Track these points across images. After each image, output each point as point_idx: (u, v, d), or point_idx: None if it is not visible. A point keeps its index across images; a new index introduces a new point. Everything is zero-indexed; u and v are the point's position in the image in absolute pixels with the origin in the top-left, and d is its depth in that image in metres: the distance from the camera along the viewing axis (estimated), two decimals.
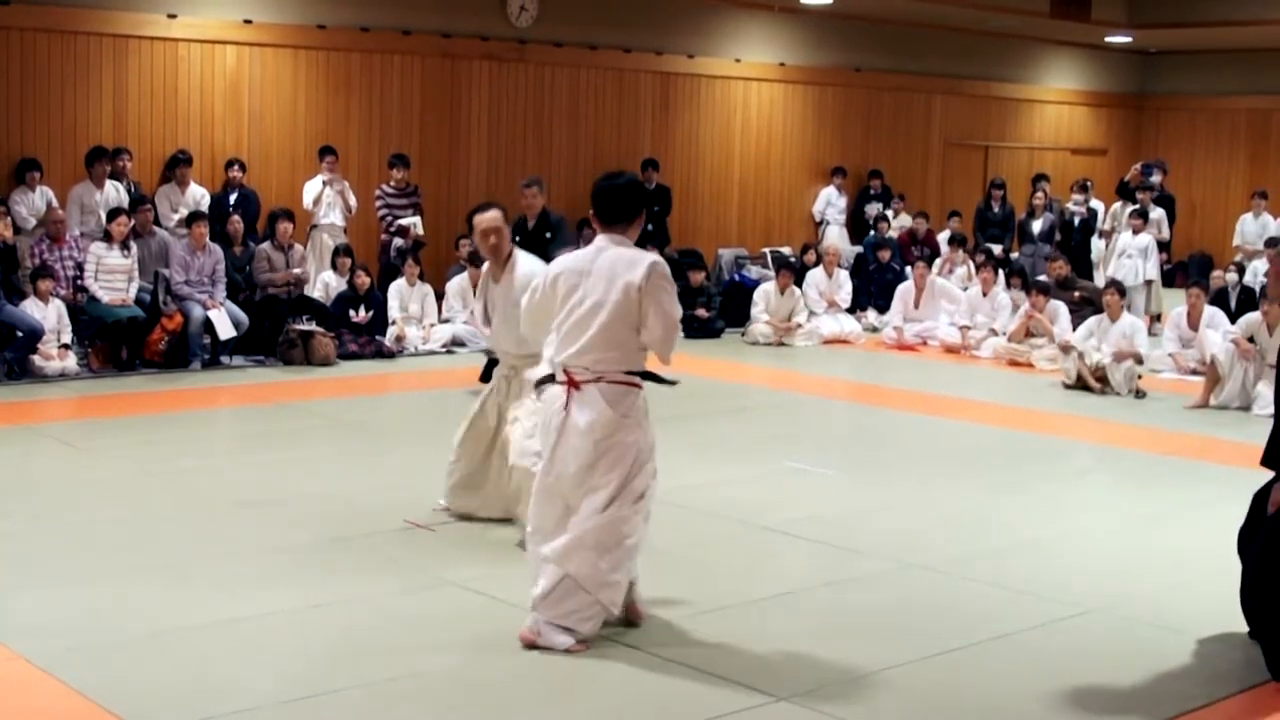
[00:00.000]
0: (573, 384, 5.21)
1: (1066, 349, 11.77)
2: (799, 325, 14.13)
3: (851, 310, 15.13)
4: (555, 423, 5.24)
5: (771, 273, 15.89)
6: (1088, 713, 4.81)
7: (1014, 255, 16.61)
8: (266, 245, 12.46)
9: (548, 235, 10.60)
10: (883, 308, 15.40)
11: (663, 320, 5.19)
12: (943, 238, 17.05)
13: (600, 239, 5.35)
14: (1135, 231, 15.49)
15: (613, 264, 5.21)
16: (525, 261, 6.69)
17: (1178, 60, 22.02)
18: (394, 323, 12.74)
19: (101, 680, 4.76)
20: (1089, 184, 17.24)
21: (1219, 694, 4.99)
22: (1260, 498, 5.41)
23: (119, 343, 11.35)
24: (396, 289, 12.94)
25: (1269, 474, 5.31)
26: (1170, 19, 18.93)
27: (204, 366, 11.55)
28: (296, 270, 12.38)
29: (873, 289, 16.09)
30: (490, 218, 6.62)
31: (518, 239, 8.62)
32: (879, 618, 5.72)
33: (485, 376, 9.82)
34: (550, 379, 5.32)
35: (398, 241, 13.41)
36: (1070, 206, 16.62)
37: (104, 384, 10.81)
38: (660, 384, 5.41)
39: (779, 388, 11.75)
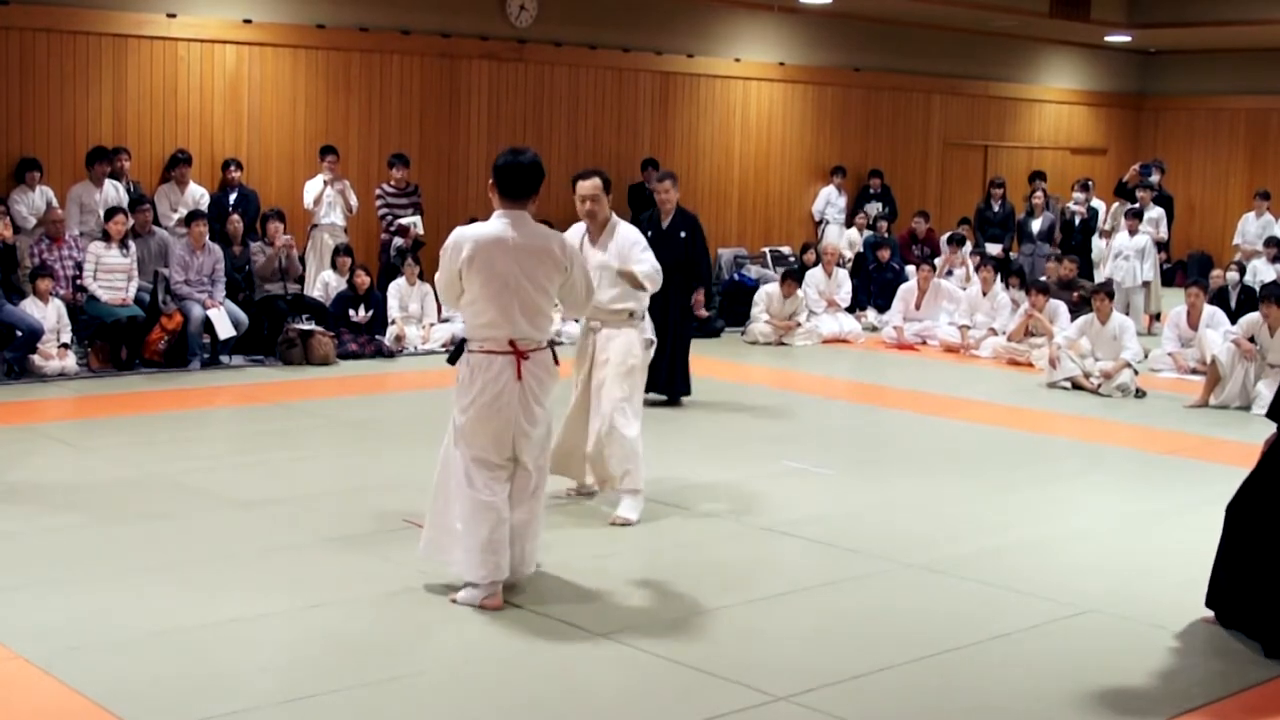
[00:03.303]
0: (521, 355, 5.62)
1: (1055, 363, 11.76)
2: (798, 324, 14.13)
3: (851, 310, 15.14)
4: (512, 393, 5.60)
5: (771, 272, 15.90)
6: (1087, 713, 4.81)
7: (1013, 255, 16.60)
8: (260, 244, 12.51)
9: (682, 235, 10.16)
10: (882, 307, 15.40)
11: (588, 281, 5.94)
12: (945, 237, 17.05)
13: (505, 214, 5.69)
14: (1131, 232, 15.49)
15: (531, 241, 5.66)
16: (627, 229, 7.09)
17: (1177, 60, 22.02)
18: (394, 322, 12.74)
19: (101, 680, 4.76)
20: (1090, 183, 17.23)
21: (1219, 694, 4.99)
22: (1269, 460, 5.43)
23: (118, 342, 11.34)
24: (396, 288, 12.95)
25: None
26: (1169, 19, 18.94)
27: (203, 366, 11.55)
28: (282, 239, 12.38)
29: (872, 288, 16.09)
30: (589, 185, 7.03)
31: (650, 234, 8.64)
32: (878, 618, 5.72)
33: None
34: (460, 351, 5.69)
35: (397, 241, 13.41)
36: (1071, 206, 16.62)
37: (103, 384, 10.80)
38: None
39: (779, 387, 11.74)
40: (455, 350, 5.72)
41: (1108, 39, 20.35)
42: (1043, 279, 14.09)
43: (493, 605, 5.60)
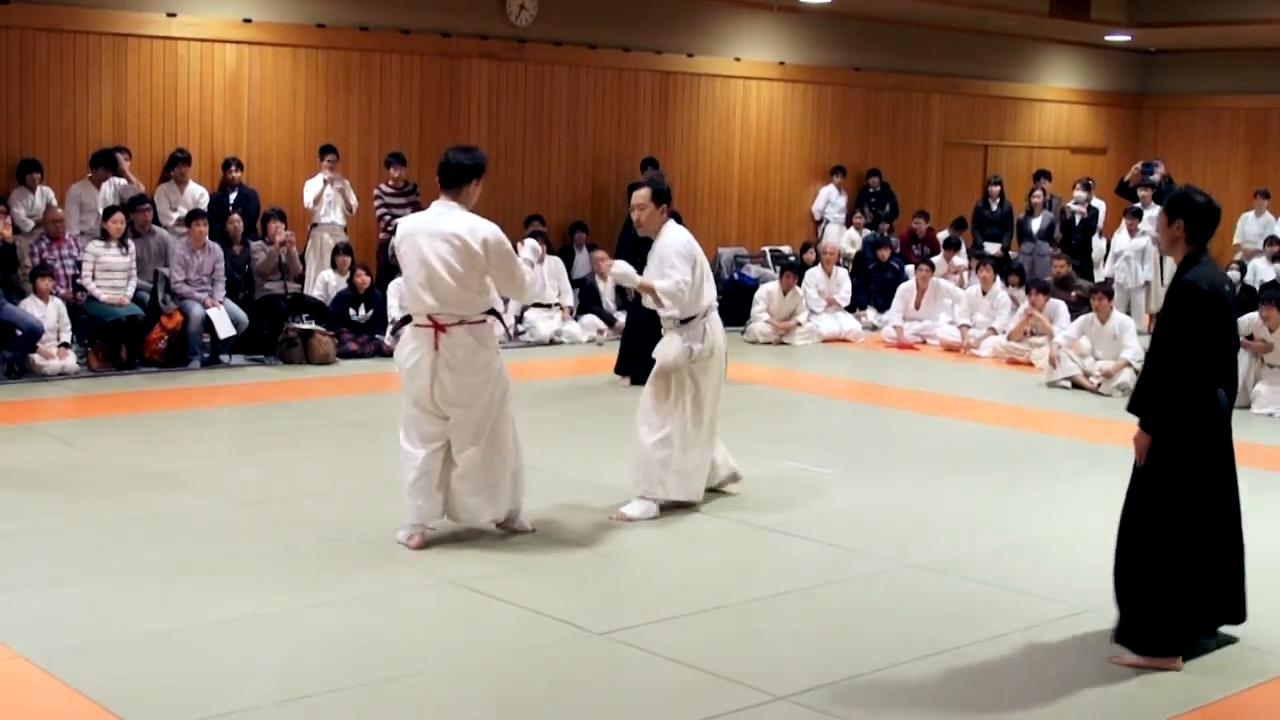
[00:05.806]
0: (440, 328, 6.27)
1: (1055, 362, 11.77)
2: (798, 324, 14.13)
3: (851, 309, 15.14)
4: (428, 362, 6.30)
5: (771, 271, 15.89)
6: (1087, 713, 4.81)
7: (1013, 254, 16.59)
8: (260, 243, 12.51)
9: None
10: (882, 306, 15.40)
11: (514, 270, 6.35)
12: (944, 236, 17.03)
13: (441, 202, 6.39)
14: (1131, 232, 15.47)
15: (451, 227, 6.23)
16: (673, 238, 7.17)
17: (1177, 59, 22.01)
18: (393, 321, 12.73)
19: (101, 680, 4.76)
20: (1091, 183, 17.22)
21: (1219, 693, 5.00)
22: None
23: (118, 342, 11.34)
24: (396, 288, 12.93)
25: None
26: (1169, 18, 18.92)
27: (203, 365, 11.55)
28: (282, 235, 12.39)
29: (872, 288, 16.08)
30: (637, 195, 7.27)
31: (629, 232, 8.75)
32: (879, 618, 5.73)
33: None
34: (406, 321, 6.45)
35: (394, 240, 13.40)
36: (1071, 205, 16.61)
37: (103, 383, 10.81)
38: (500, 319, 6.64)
39: (779, 387, 11.75)
40: (398, 324, 6.53)
41: (1108, 39, 20.35)
42: (1042, 278, 14.08)
43: (411, 544, 6.37)
